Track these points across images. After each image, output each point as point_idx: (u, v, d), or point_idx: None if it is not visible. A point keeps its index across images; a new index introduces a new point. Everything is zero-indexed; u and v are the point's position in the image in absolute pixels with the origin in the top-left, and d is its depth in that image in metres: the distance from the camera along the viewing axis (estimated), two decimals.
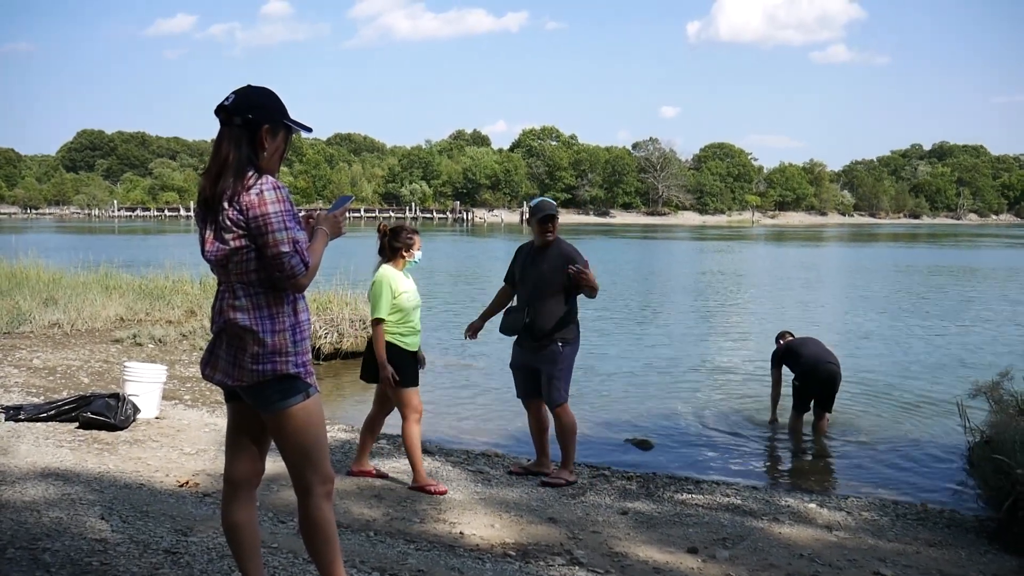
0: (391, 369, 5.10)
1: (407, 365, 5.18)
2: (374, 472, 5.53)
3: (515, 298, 5.89)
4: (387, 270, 5.19)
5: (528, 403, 5.90)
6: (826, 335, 13.69)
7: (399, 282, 5.17)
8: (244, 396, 2.74)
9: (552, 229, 5.69)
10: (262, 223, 2.58)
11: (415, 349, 5.25)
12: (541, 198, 5.89)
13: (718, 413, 8.37)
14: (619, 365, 10.79)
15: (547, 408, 5.87)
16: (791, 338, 8.04)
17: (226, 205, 2.61)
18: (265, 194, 2.59)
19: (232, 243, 2.62)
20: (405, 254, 5.25)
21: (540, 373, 5.71)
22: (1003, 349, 12.35)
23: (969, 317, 16.54)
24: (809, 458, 7.10)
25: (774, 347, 8.11)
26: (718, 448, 7.23)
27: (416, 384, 5.26)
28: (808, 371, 7.44)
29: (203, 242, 2.71)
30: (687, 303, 19.16)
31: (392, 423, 5.73)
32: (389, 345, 5.14)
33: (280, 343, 2.66)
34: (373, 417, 5.53)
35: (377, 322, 5.12)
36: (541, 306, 5.59)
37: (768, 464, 6.98)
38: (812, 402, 7.56)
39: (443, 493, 5.22)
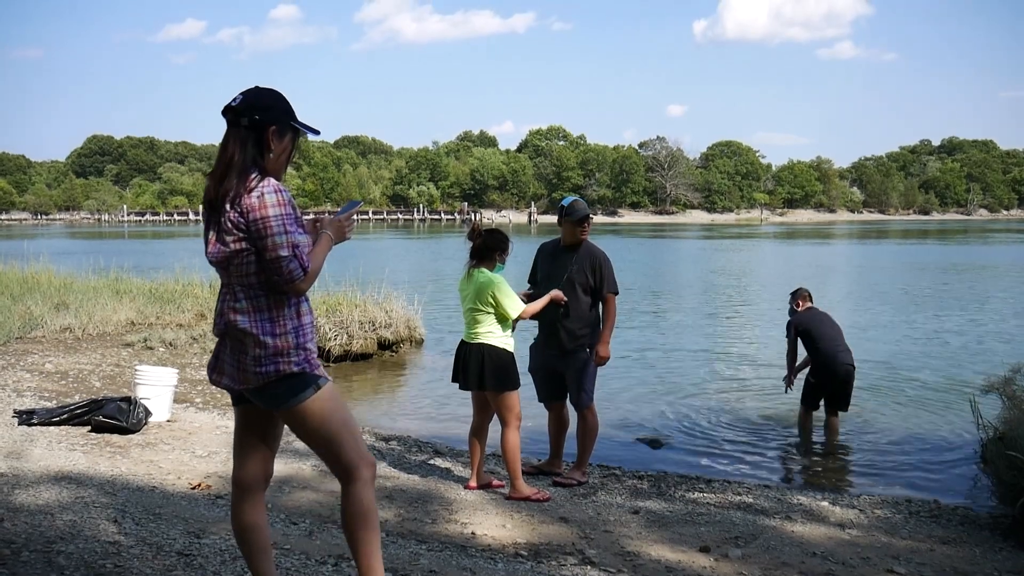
0: (558, 292, 5.41)
1: (512, 368, 5.16)
2: (495, 483, 5.47)
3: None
4: (492, 273, 5.17)
5: (550, 405, 5.89)
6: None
7: None
8: (253, 398, 2.73)
9: (587, 230, 5.70)
10: (261, 226, 2.58)
11: (512, 351, 5.26)
12: (573, 198, 5.83)
13: (730, 411, 8.35)
14: (629, 363, 10.77)
15: (568, 409, 5.87)
16: (809, 308, 7.63)
17: (228, 207, 2.61)
18: (266, 197, 2.59)
19: (232, 245, 2.62)
20: (498, 256, 5.23)
21: (565, 377, 5.70)
22: (1016, 345, 12.28)
23: (981, 313, 16.45)
24: (821, 456, 7.07)
25: (790, 307, 7.72)
26: (729, 446, 7.21)
27: (519, 386, 5.23)
28: (825, 369, 7.30)
29: (207, 243, 2.71)
30: (697, 301, 19.12)
31: (389, 422, 5.72)
32: (498, 348, 5.13)
33: (282, 345, 2.65)
34: (477, 426, 5.44)
35: (520, 316, 5.20)
36: (570, 308, 5.56)
37: (780, 462, 6.95)
38: (823, 400, 7.50)
39: (548, 499, 5.20)
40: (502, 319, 5.15)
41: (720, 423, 7.91)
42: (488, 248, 5.20)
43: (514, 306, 5.14)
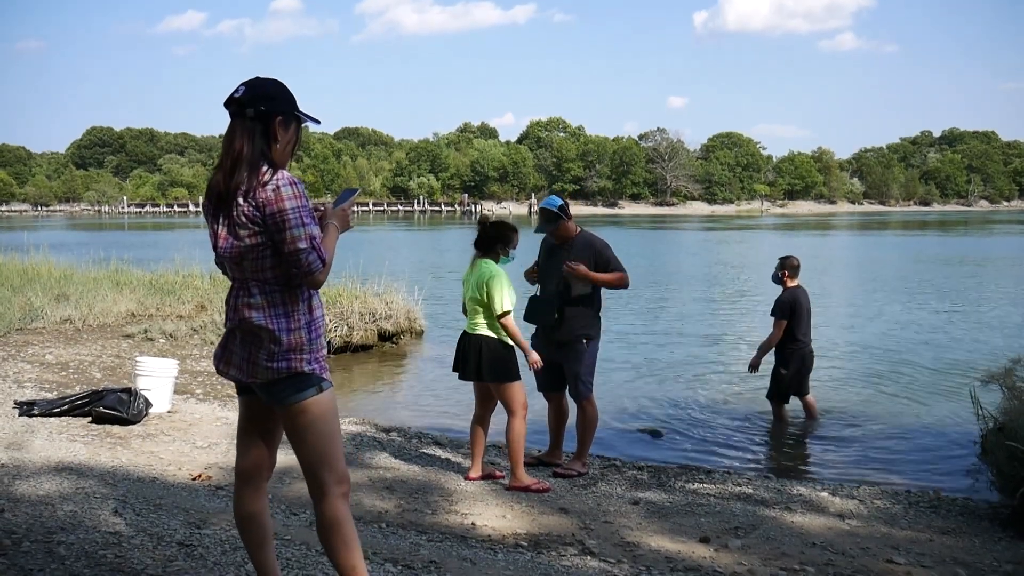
0: (535, 354, 5.18)
1: (511, 360, 5.17)
2: (496, 474, 5.46)
3: (538, 288, 5.85)
4: (495, 265, 5.18)
5: (550, 396, 5.89)
6: (838, 322, 13.67)
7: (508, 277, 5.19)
8: (258, 391, 2.72)
9: (556, 231, 5.67)
10: (279, 219, 2.54)
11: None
12: (546, 200, 5.83)
13: (730, 402, 8.35)
14: (629, 355, 10.77)
15: (568, 400, 5.88)
16: (797, 285, 7.40)
17: (241, 200, 2.57)
18: (282, 190, 2.55)
19: (248, 240, 2.58)
20: (501, 250, 5.22)
21: (564, 368, 5.70)
22: (1016, 335, 12.28)
23: (981, 304, 16.44)
24: (820, 446, 7.07)
25: (775, 273, 7.50)
26: (729, 437, 7.22)
27: (520, 378, 5.24)
28: (798, 357, 7.31)
29: (215, 238, 2.66)
30: (696, 293, 19.11)
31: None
32: (496, 341, 5.14)
33: (296, 341, 2.63)
34: (479, 417, 5.45)
35: (505, 314, 5.10)
36: (567, 300, 5.56)
37: (779, 453, 6.96)
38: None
39: (547, 490, 5.20)
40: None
41: (720, 414, 7.92)
42: (491, 239, 5.20)
43: (503, 304, 5.09)
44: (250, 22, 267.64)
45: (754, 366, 7.51)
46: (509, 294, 5.10)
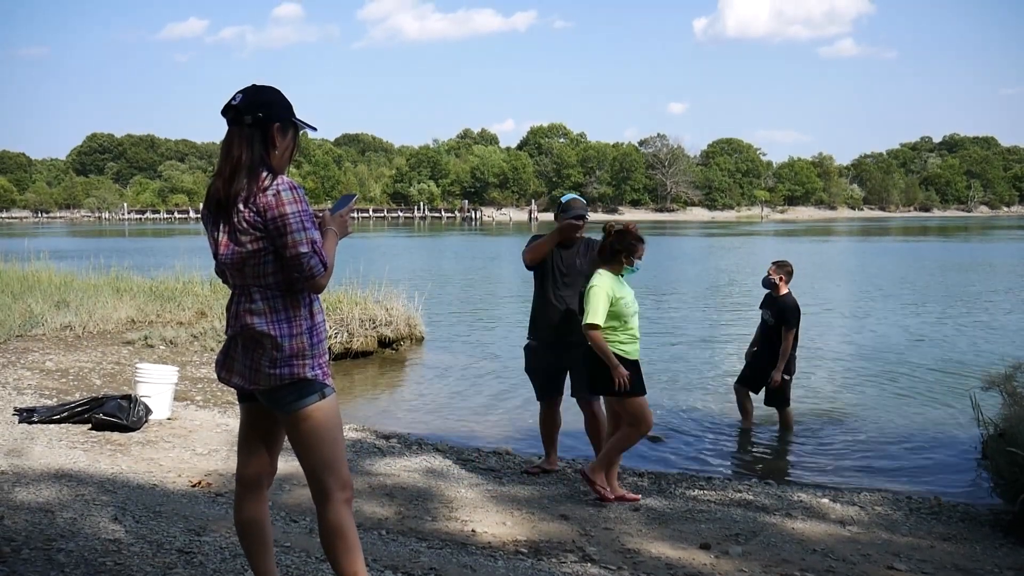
0: (625, 371, 4.97)
1: (632, 374, 5.06)
2: (628, 496, 5.30)
3: (538, 294, 5.75)
4: (604, 276, 5.06)
5: (552, 400, 5.86)
6: (839, 326, 13.66)
7: (616, 288, 5.04)
8: (260, 398, 2.73)
9: (583, 228, 5.68)
10: (280, 224, 2.56)
11: (636, 357, 5.13)
12: (572, 195, 5.84)
13: (730, 408, 8.32)
14: None
15: (560, 407, 5.87)
16: (790, 292, 7.40)
17: (241, 207, 2.58)
18: (282, 194, 2.57)
19: (249, 246, 2.59)
20: (625, 259, 5.12)
21: (571, 372, 5.65)
22: (1017, 341, 12.27)
23: (982, 309, 16.43)
24: (821, 452, 7.06)
25: (769, 278, 7.46)
26: (729, 443, 7.22)
27: (644, 392, 5.14)
28: (794, 364, 7.35)
29: (216, 245, 2.67)
30: (697, 297, 19.11)
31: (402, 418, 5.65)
32: (593, 351, 5.06)
33: (298, 346, 2.64)
34: (611, 433, 5.33)
35: (591, 327, 4.97)
36: (573, 302, 5.55)
37: (779, 459, 6.94)
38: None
39: (637, 499, 5.23)
40: (615, 317, 5.03)
41: (720, 420, 7.91)
42: (614, 250, 5.12)
43: (590, 315, 4.98)
44: (251, 29, 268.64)
45: (778, 382, 7.37)
46: (603, 308, 4.96)
